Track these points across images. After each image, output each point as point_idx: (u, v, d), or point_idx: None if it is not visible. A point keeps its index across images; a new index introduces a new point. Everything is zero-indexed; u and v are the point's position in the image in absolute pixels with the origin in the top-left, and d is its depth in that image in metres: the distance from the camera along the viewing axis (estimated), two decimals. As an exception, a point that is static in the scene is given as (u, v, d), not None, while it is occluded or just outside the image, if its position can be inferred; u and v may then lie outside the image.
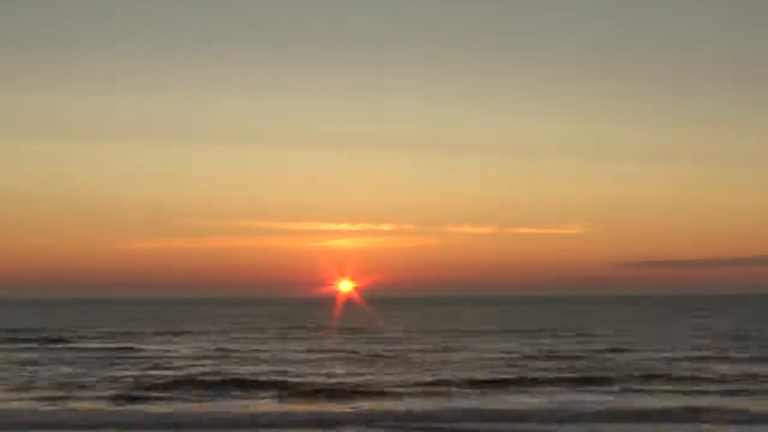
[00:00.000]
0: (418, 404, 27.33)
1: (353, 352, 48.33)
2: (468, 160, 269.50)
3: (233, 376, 34.60)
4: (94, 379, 35.00)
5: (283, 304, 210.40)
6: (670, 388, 31.27)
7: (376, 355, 45.37)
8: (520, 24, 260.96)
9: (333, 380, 33.78)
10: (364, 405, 27.58)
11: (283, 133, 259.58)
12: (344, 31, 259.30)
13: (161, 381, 33.68)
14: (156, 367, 39.85)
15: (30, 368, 39.64)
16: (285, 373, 36.76)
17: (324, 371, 37.18)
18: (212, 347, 53.10)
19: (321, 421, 24.96)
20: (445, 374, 35.45)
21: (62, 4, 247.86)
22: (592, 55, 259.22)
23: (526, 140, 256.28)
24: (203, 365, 40.70)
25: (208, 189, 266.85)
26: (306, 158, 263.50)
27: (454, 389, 30.95)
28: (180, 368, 39.22)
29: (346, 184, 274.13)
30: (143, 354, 48.50)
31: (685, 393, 29.82)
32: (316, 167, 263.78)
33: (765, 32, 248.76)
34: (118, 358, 45.73)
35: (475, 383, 32.50)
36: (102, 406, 27.86)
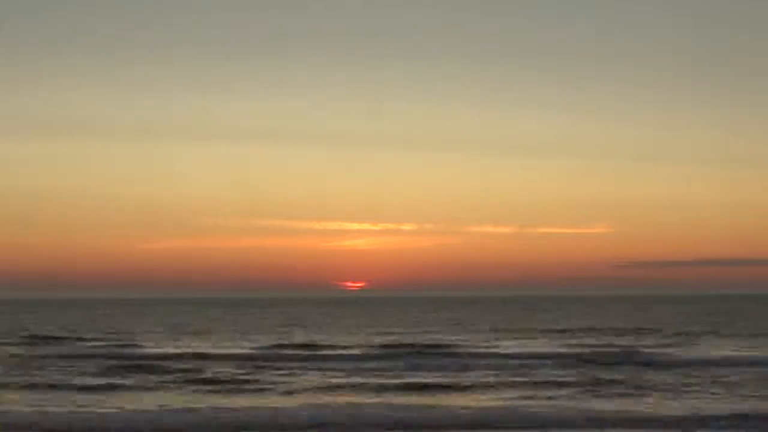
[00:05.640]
0: None
1: None
2: (489, 161, 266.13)
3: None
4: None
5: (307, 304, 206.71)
6: None
7: None
8: (536, 23, 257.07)
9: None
10: None
11: (306, 132, 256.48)
12: (359, 28, 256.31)
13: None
14: None
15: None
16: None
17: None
18: None
19: None
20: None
21: (62, 2, 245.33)
22: (612, 56, 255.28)
23: (548, 140, 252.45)
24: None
25: (228, 188, 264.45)
26: (328, 158, 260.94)
27: None
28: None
29: (367, 184, 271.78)
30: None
31: None
32: (339, 167, 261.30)
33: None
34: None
35: None
36: None
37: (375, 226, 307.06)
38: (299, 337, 64.39)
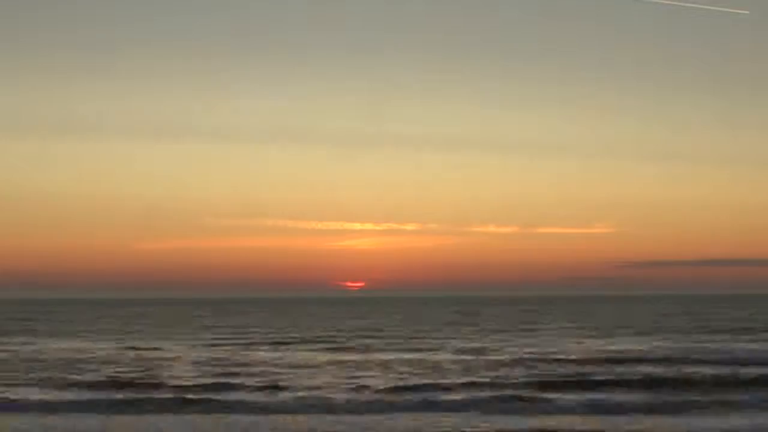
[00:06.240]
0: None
1: None
2: (492, 160, 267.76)
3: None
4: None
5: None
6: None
7: None
8: (537, 23, 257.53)
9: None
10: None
11: (309, 132, 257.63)
12: (360, 29, 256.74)
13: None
14: None
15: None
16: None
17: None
18: None
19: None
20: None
21: (63, 2, 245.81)
22: (612, 57, 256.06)
23: (550, 140, 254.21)
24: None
25: (231, 188, 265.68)
26: (328, 158, 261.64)
27: None
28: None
29: (369, 184, 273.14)
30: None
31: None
32: (339, 167, 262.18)
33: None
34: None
35: None
36: None
37: (378, 226, 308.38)
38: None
